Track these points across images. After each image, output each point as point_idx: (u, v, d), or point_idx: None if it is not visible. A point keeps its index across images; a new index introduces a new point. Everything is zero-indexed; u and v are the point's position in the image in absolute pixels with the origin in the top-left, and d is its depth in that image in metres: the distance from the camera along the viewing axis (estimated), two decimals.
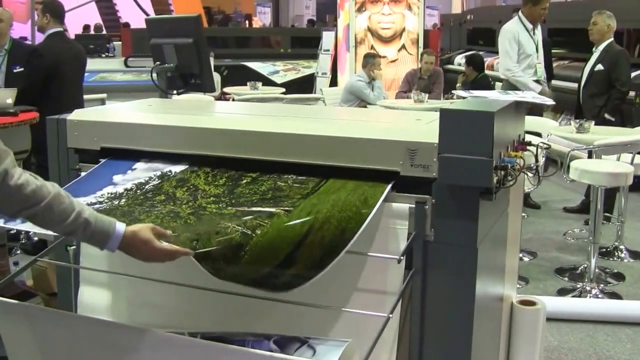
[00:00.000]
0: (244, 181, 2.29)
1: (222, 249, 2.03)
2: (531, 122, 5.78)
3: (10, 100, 4.84)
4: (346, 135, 2.24)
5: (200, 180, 2.34)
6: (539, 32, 7.18)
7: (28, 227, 2.18)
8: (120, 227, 2.04)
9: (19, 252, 5.49)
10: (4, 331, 2.23)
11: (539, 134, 5.66)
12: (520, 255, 5.50)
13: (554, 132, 5.89)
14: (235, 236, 2.04)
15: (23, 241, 5.81)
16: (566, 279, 5.21)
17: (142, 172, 2.46)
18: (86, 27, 18.18)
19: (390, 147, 2.16)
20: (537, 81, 7.05)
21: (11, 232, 5.74)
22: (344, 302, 2.18)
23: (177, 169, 2.43)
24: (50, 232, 2.05)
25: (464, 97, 2.80)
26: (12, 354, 2.26)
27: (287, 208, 2.11)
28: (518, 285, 4.80)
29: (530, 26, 6.95)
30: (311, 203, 2.09)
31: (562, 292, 4.94)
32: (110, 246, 2.03)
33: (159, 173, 2.43)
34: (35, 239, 5.07)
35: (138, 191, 2.36)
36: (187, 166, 2.43)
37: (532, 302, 2.96)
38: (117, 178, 2.45)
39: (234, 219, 2.11)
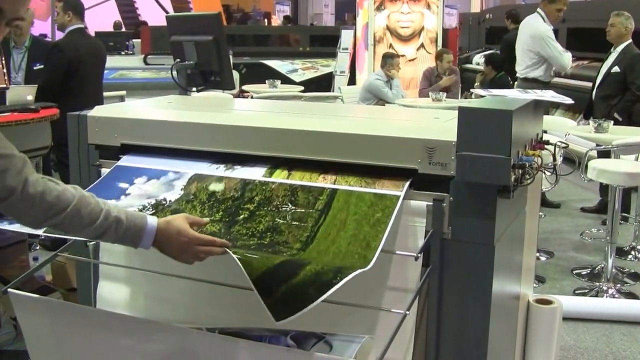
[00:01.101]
0: (241, 216, 2.20)
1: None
2: (549, 121, 5.78)
3: (30, 97, 4.89)
4: (365, 133, 2.24)
5: (196, 212, 2.25)
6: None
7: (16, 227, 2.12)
8: (153, 219, 1.97)
9: (38, 247, 5.55)
10: (25, 325, 2.25)
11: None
12: (537, 254, 5.49)
13: (572, 131, 5.88)
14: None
15: (42, 237, 5.87)
16: (583, 278, 5.20)
17: (135, 198, 2.38)
18: (117, 25, 18.23)
19: (409, 144, 2.17)
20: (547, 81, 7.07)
21: None
22: (361, 298, 2.19)
23: (172, 196, 2.35)
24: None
25: (482, 96, 2.80)
26: (32, 348, 2.28)
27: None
28: (535, 285, 4.79)
29: (551, 26, 6.94)
30: (311, 257, 2.01)
31: (578, 291, 4.93)
32: (145, 242, 1.95)
33: (153, 202, 2.35)
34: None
35: None
36: (182, 193, 2.36)
37: (549, 301, 2.96)
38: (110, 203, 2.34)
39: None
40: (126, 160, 2.56)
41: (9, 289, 2.19)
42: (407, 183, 2.16)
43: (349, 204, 2.15)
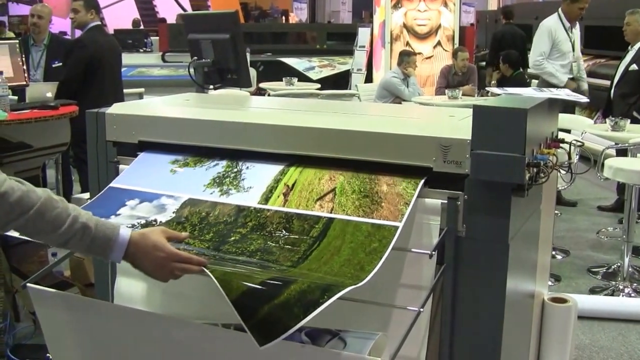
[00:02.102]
0: (232, 238, 2.16)
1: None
2: (566, 119, 5.76)
3: (50, 94, 4.94)
4: (380, 131, 2.25)
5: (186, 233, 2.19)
6: (577, 30, 7.15)
7: None
8: (126, 230, 1.86)
9: None
10: (43, 320, 2.28)
11: (567, 131, 5.63)
12: (553, 253, 5.49)
13: (588, 129, 5.86)
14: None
15: None
16: (599, 277, 5.19)
17: (125, 218, 2.33)
18: (136, 22, 18.33)
19: (424, 143, 2.18)
20: (574, 79, 7.03)
21: None
22: (375, 295, 2.20)
23: (163, 218, 2.29)
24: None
25: (498, 94, 2.80)
26: (51, 342, 2.31)
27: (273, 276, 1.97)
28: (550, 283, 4.78)
29: (567, 24, 6.93)
30: (299, 273, 1.95)
31: (594, 290, 4.92)
32: (116, 254, 1.84)
33: (143, 222, 2.29)
34: None
35: None
36: (173, 215, 2.30)
37: (564, 299, 2.96)
38: None
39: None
40: (119, 182, 2.51)
41: (28, 284, 2.22)
42: (422, 181, 2.17)
43: (345, 233, 2.10)
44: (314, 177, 2.29)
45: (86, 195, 2.93)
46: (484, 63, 13.61)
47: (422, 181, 2.17)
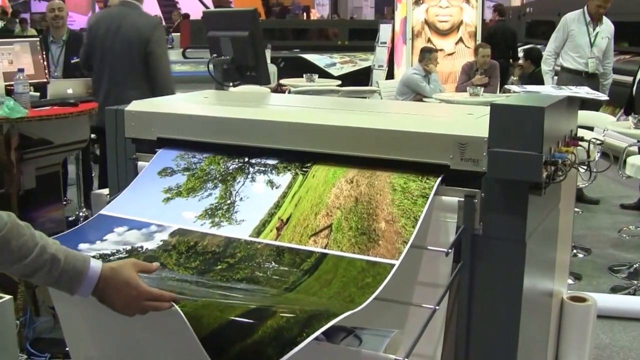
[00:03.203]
0: (219, 267, 2.10)
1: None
2: (588, 117, 5.72)
3: (71, 91, 4.96)
4: (397, 129, 2.25)
5: (172, 260, 2.16)
6: (604, 29, 7.17)
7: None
8: (97, 264, 1.73)
9: None
10: (62, 314, 2.30)
11: (590, 129, 5.60)
12: (575, 251, 5.46)
13: (610, 127, 5.81)
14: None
15: None
16: (620, 276, 5.15)
17: (110, 244, 2.27)
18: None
19: (441, 140, 2.17)
20: (592, 75, 7.06)
21: (70, 218, 5.90)
22: (391, 292, 2.20)
23: (149, 245, 2.24)
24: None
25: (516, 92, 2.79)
26: (69, 336, 2.33)
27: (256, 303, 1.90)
28: (571, 282, 4.76)
29: (588, 19, 6.97)
30: (285, 302, 1.89)
31: (615, 289, 4.89)
32: (84, 290, 1.71)
33: (128, 247, 2.24)
34: None
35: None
36: (161, 243, 2.24)
37: (583, 298, 2.94)
38: (83, 246, 2.22)
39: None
40: (109, 210, 2.46)
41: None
42: (439, 179, 2.17)
43: (337, 268, 2.02)
44: (310, 212, 2.22)
45: (105, 191, 2.95)
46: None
47: (439, 179, 2.17)
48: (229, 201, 2.36)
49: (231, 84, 3.53)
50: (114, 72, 5.07)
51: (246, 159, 2.47)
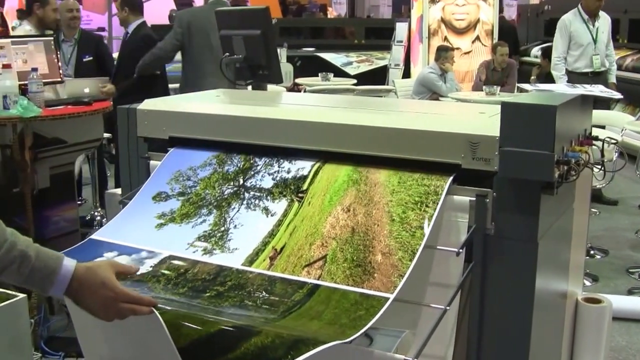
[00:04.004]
0: (207, 294, 2.05)
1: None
2: (606, 116, 5.68)
3: (88, 90, 4.97)
4: (408, 128, 2.24)
5: (160, 286, 2.11)
6: (602, 23, 7.19)
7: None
8: (70, 262, 1.65)
9: None
10: (74, 313, 2.29)
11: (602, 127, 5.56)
12: (592, 252, 5.42)
13: (628, 126, 5.76)
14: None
15: (97, 227, 6.00)
16: (638, 277, 5.10)
17: None
18: (172, 17, 18.39)
19: (452, 139, 2.15)
20: (597, 73, 7.08)
21: (85, 218, 5.93)
22: (402, 293, 2.19)
23: (139, 270, 2.17)
24: None
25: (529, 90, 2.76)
26: (81, 335, 2.33)
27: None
28: (588, 283, 4.72)
29: (586, 16, 7.04)
30: (273, 325, 1.86)
31: (632, 291, 4.84)
32: (57, 289, 1.63)
33: None
34: None
35: None
36: (150, 269, 2.19)
37: (598, 299, 2.91)
38: None
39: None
40: (101, 234, 2.39)
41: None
42: (451, 178, 2.15)
43: (330, 300, 1.97)
44: (304, 241, 2.16)
45: (119, 190, 2.96)
46: (525, 58, 13.51)
47: (451, 178, 2.15)
48: (222, 228, 2.31)
49: (243, 82, 3.53)
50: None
51: (241, 182, 2.41)
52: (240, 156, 2.49)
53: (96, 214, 6.16)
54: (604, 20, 7.18)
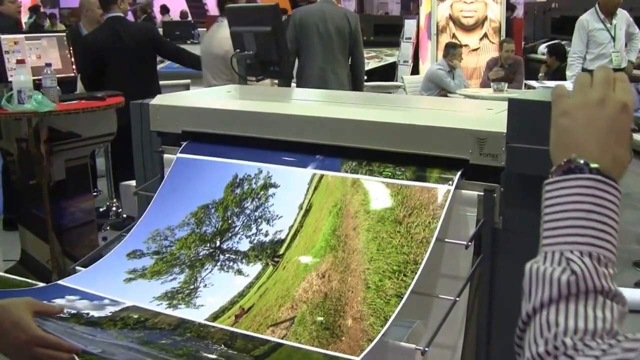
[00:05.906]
0: (162, 341, 1.99)
1: None
2: None
3: None
4: (417, 123, 2.27)
5: (115, 329, 2.06)
6: (620, 21, 7.18)
7: None
8: None
9: (108, 228, 5.73)
10: None
11: None
12: None
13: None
14: None
15: (112, 218, 6.06)
16: None
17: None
18: (184, 14, 18.46)
19: (460, 135, 2.19)
20: (618, 70, 7.06)
21: (101, 209, 5.99)
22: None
23: (97, 313, 2.13)
24: None
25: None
26: None
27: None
28: None
29: (602, 16, 7.03)
30: None
31: (639, 284, 4.87)
32: None
33: (73, 311, 2.12)
34: (124, 215, 5.29)
35: None
36: (109, 314, 2.13)
37: None
38: None
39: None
40: (68, 281, 2.34)
41: (77, 266, 2.28)
42: (459, 173, 2.19)
43: (291, 358, 1.91)
44: (274, 303, 2.10)
45: (133, 182, 3.01)
46: (532, 55, 13.49)
47: (459, 173, 2.19)
48: (192, 286, 2.27)
49: (255, 79, 3.57)
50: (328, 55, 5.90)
51: (217, 244, 2.38)
52: (218, 215, 2.45)
53: (111, 205, 6.24)
54: (621, 16, 7.20)
